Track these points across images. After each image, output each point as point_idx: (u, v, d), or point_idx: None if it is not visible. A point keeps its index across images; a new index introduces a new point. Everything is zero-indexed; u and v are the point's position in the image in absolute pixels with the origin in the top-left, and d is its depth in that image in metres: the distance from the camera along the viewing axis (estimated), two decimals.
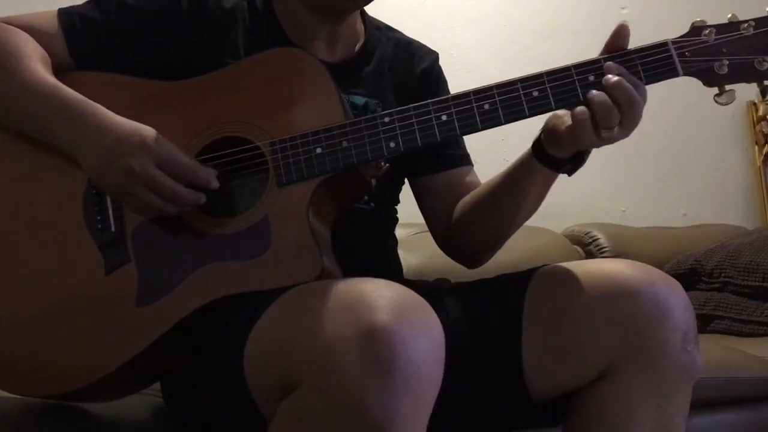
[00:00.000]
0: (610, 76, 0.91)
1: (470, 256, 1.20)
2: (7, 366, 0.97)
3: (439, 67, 1.26)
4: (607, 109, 0.90)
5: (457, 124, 0.94)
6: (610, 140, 0.92)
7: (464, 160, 1.22)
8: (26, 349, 0.96)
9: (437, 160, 1.19)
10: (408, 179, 1.24)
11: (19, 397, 0.98)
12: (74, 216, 0.98)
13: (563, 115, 0.95)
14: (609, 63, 0.92)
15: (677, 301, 0.91)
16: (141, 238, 0.96)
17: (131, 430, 1.07)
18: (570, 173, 1.02)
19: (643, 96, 0.92)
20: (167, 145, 0.93)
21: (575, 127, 0.92)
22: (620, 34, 0.94)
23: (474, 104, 0.94)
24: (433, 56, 1.25)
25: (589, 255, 2.32)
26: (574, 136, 0.93)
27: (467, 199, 1.16)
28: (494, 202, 1.10)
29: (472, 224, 1.14)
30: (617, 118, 0.90)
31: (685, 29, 0.95)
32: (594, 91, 0.91)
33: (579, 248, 2.35)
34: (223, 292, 0.91)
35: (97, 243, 0.97)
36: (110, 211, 0.98)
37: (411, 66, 1.21)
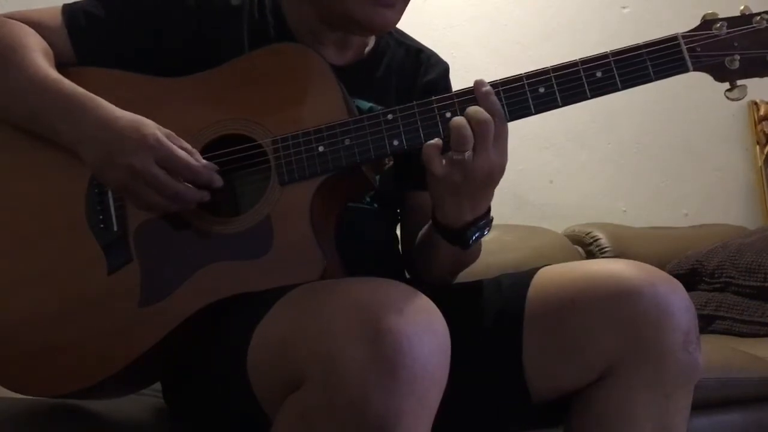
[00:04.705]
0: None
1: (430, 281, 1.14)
2: (10, 366, 0.97)
3: (447, 81, 1.23)
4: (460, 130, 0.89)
5: None
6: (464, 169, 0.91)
7: None
8: (29, 349, 0.96)
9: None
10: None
11: (18, 397, 0.98)
12: (76, 215, 0.98)
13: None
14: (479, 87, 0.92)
15: (678, 302, 0.90)
16: (143, 237, 0.96)
17: (131, 430, 1.07)
18: (466, 245, 0.99)
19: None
20: (167, 141, 0.92)
21: (425, 160, 0.92)
22: None
23: None
24: (441, 68, 1.22)
25: (590, 255, 2.31)
26: (429, 173, 0.92)
27: (423, 231, 1.12)
28: (436, 253, 1.07)
29: (427, 261, 1.11)
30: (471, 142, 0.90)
31: (686, 29, 0.94)
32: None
33: (580, 248, 2.35)
34: (226, 293, 0.91)
35: (99, 242, 0.97)
36: (112, 210, 0.98)
37: (416, 76, 1.19)
